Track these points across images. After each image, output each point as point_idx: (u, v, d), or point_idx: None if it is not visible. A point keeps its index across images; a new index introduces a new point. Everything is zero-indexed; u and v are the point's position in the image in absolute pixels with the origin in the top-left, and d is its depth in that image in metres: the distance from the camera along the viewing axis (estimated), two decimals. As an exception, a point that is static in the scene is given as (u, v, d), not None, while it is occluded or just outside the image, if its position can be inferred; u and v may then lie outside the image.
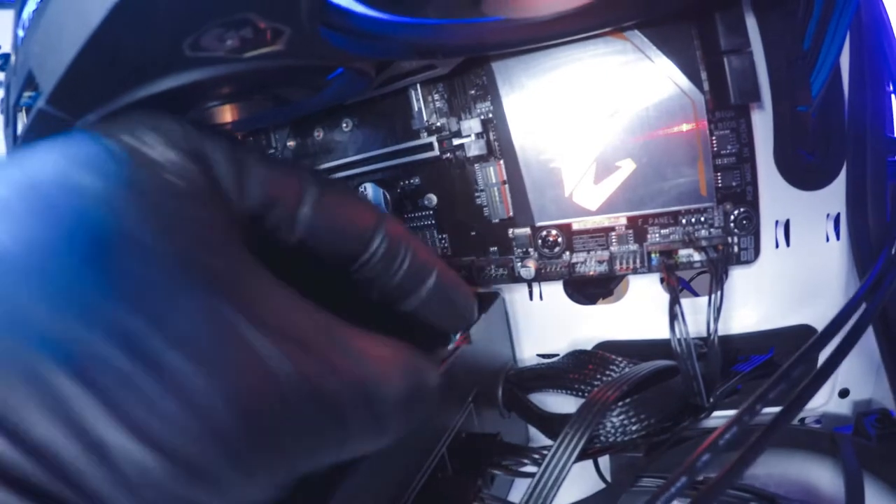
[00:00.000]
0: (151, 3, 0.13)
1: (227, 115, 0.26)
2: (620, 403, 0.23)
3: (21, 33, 0.18)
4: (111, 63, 0.16)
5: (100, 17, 0.13)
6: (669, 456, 0.25)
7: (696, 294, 0.31)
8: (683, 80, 0.24)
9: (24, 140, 0.22)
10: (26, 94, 0.20)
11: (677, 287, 0.24)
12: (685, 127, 0.24)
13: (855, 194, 0.24)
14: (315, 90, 0.24)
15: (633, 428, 0.23)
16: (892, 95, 0.25)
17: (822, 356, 0.21)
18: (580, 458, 0.22)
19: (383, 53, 0.21)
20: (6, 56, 0.29)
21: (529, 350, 0.31)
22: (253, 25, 0.15)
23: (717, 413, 0.25)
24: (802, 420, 0.29)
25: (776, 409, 0.29)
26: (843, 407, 0.28)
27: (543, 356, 0.31)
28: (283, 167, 0.17)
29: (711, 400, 0.25)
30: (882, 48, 0.24)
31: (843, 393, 0.28)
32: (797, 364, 0.20)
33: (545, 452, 0.23)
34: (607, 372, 0.26)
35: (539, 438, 0.31)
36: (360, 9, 0.17)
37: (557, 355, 0.30)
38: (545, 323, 0.30)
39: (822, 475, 0.26)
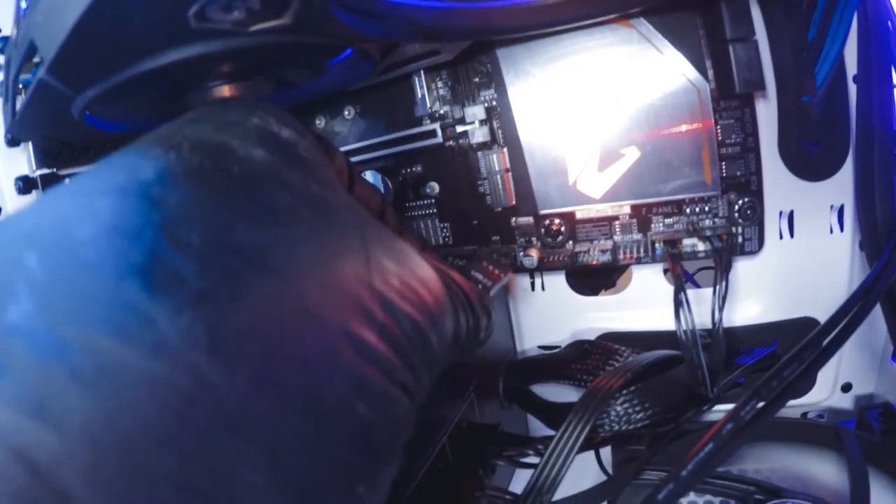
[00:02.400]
0: None
1: (228, 93, 0.26)
2: (624, 392, 0.23)
3: (24, 4, 0.18)
4: (113, 32, 0.15)
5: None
6: (672, 449, 0.24)
7: (698, 286, 0.31)
8: (689, 69, 0.24)
9: (23, 114, 0.22)
10: (24, 73, 0.20)
11: (682, 276, 0.24)
12: (690, 116, 0.24)
13: (863, 186, 0.24)
14: (318, 72, 0.24)
15: (638, 417, 0.23)
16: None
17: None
18: (583, 448, 0.22)
19: (389, 34, 0.21)
20: (6, 39, 0.29)
21: (531, 341, 0.31)
22: (260, -6, 0.15)
23: (718, 406, 0.25)
24: (805, 414, 0.29)
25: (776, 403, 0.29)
26: (845, 401, 0.28)
27: (545, 348, 0.30)
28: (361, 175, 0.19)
29: (715, 391, 0.24)
30: (889, 42, 0.24)
31: (846, 387, 0.28)
32: (798, 356, 0.20)
33: (548, 443, 0.22)
34: (610, 362, 0.25)
35: (538, 430, 0.30)
36: (369, -16, 0.17)
37: (559, 347, 0.29)
38: (547, 314, 0.30)
39: (826, 469, 0.26)
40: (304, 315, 0.11)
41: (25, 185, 0.29)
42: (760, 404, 0.19)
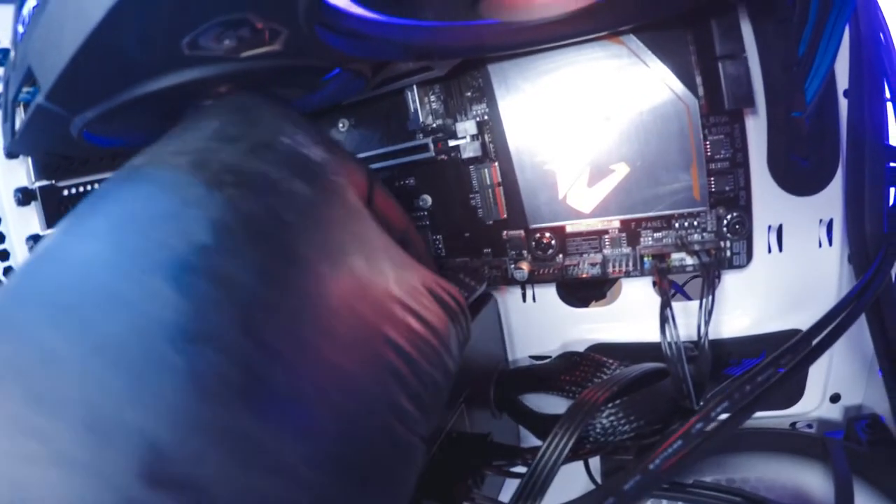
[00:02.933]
0: (150, 2, 0.13)
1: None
2: (610, 405, 0.23)
3: (21, 29, 0.19)
4: (110, 61, 0.16)
5: (99, 16, 0.13)
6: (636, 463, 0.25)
7: (688, 298, 0.31)
8: (678, 85, 0.24)
9: (21, 135, 0.22)
10: (25, 89, 0.20)
11: (669, 291, 0.24)
12: (679, 132, 0.24)
13: (853, 200, 0.24)
14: (311, 90, 0.24)
15: (624, 429, 0.23)
16: (889, 103, 0.26)
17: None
18: (570, 458, 0.22)
19: (379, 54, 0.21)
20: (5, 51, 0.29)
21: (522, 351, 0.31)
22: (250, 25, 0.15)
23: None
24: (794, 424, 0.29)
25: (768, 413, 0.29)
26: (834, 412, 0.28)
27: (536, 358, 0.31)
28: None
29: (701, 403, 0.25)
30: (880, 56, 0.25)
31: (835, 398, 0.28)
32: (773, 362, 0.21)
33: (536, 453, 0.23)
34: (599, 374, 0.26)
35: (530, 440, 0.31)
36: (357, 10, 0.17)
37: (550, 357, 0.30)
38: (538, 325, 0.30)
39: (813, 480, 0.26)
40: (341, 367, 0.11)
41: (25, 196, 0.29)
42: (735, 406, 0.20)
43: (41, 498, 0.07)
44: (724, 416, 0.19)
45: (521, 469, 0.25)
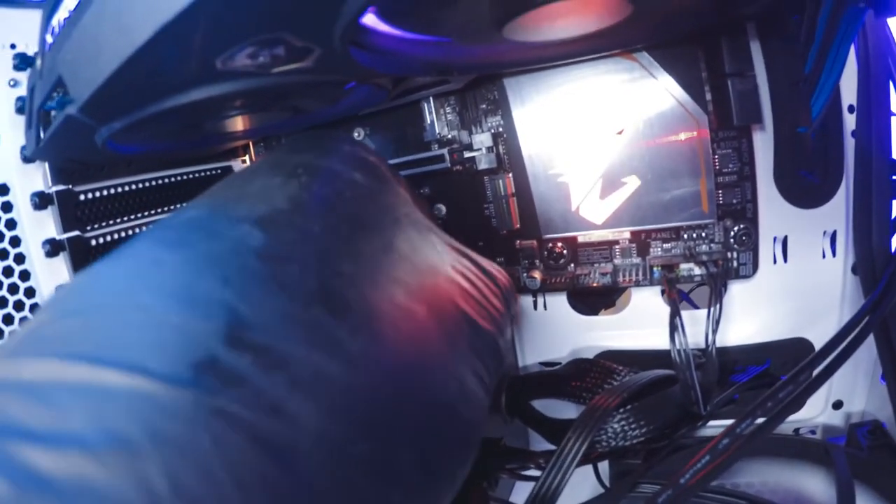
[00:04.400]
0: (195, 22, 0.14)
1: (243, 123, 0.27)
2: (621, 410, 0.24)
3: (49, 39, 0.19)
4: (146, 77, 0.16)
5: (146, 36, 0.13)
6: (667, 463, 0.25)
7: (695, 306, 0.32)
8: (688, 101, 0.25)
9: (47, 143, 0.23)
10: (51, 99, 0.21)
11: (678, 300, 0.25)
12: (689, 146, 0.25)
13: (859, 213, 0.25)
14: (332, 102, 0.25)
15: (633, 434, 0.24)
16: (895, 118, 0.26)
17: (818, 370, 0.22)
18: (582, 462, 0.23)
19: (403, 70, 0.22)
20: (21, 56, 0.29)
21: (532, 358, 0.32)
22: (286, 44, 0.16)
23: (713, 422, 0.26)
24: (797, 430, 0.30)
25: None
26: (836, 418, 0.29)
27: (546, 364, 0.31)
28: None
29: (708, 408, 0.26)
30: (888, 72, 0.25)
31: (837, 405, 0.29)
32: (793, 379, 0.21)
33: (549, 456, 0.23)
34: (608, 380, 0.26)
35: (538, 444, 0.31)
36: (386, 28, 0.17)
37: (560, 364, 0.30)
38: (548, 332, 0.31)
39: (816, 484, 0.27)
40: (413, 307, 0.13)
41: (41, 200, 0.30)
42: (757, 421, 0.20)
43: (143, 346, 0.09)
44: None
45: (533, 472, 0.25)
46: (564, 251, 0.28)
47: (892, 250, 0.24)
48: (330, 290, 0.11)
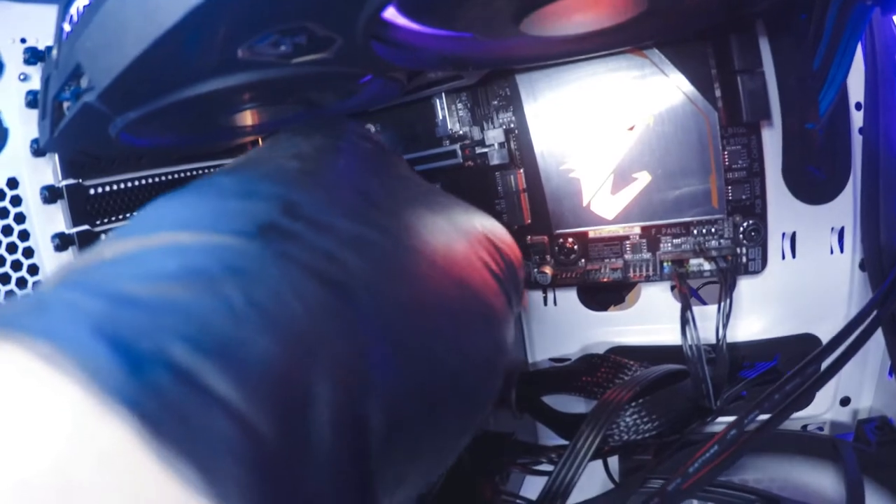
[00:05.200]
0: (224, 8, 0.14)
1: (256, 117, 0.27)
2: (633, 404, 0.24)
3: (67, 28, 0.19)
4: (167, 65, 0.16)
5: (174, 20, 0.13)
6: (676, 459, 0.26)
7: (703, 302, 0.32)
8: (698, 98, 0.25)
9: (62, 133, 0.23)
10: (66, 89, 0.21)
11: (688, 294, 0.25)
12: (698, 142, 0.25)
13: (867, 209, 0.25)
14: (347, 96, 0.25)
15: (646, 427, 0.24)
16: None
17: (825, 364, 0.22)
18: (594, 456, 0.23)
19: (421, 64, 0.22)
20: (31, 50, 0.29)
21: (542, 354, 0.32)
22: (309, 34, 0.16)
23: (722, 418, 0.26)
24: (805, 427, 0.30)
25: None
26: (844, 415, 0.29)
27: (556, 360, 0.31)
28: None
29: (718, 403, 0.26)
30: (895, 70, 0.26)
31: (845, 401, 0.29)
32: (800, 372, 0.22)
33: (560, 451, 0.23)
34: (619, 375, 0.27)
35: (546, 439, 0.31)
36: (406, 22, 0.18)
37: (569, 360, 0.30)
38: (558, 328, 0.31)
39: (824, 479, 0.27)
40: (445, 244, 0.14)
41: (51, 194, 0.30)
42: (763, 416, 0.20)
43: (212, 217, 0.11)
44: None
45: (544, 467, 0.25)
46: (575, 246, 0.28)
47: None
48: (366, 190, 0.14)
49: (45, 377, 0.07)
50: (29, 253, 0.29)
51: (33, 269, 0.29)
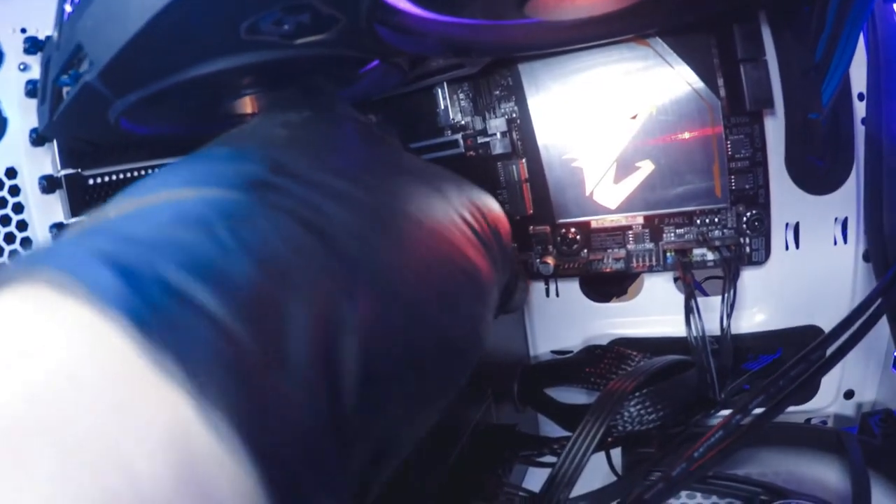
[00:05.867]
0: None
1: (255, 105, 0.27)
2: (637, 394, 0.23)
3: (69, 9, 0.19)
4: (169, 42, 0.16)
5: (174, -7, 0.13)
6: (681, 451, 0.25)
7: (706, 294, 0.32)
8: (701, 87, 0.25)
9: (60, 116, 0.22)
10: (68, 72, 0.20)
11: (692, 283, 0.25)
12: (702, 131, 0.25)
13: (871, 199, 0.25)
14: (348, 83, 0.25)
15: (650, 418, 0.24)
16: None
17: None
18: (598, 447, 0.23)
19: (423, 49, 0.22)
20: (31, 39, 0.29)
21: (544, 347, 0.31)
22: (313, 12, 0.16)
23: (725, 411, 0.26)
24: (809, 420, 0.30)
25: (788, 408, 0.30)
26: (847, 408, 0.29)
27: (558, 353, 0.31)
28: None
29: (723, 395, 0.25)
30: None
31: (848, 394, 0.29)
32: (805, 358, 0.21)
33: (563, 442, 0.23)
34: (622, 366, 0.26)
35: (548, 432, 0.31)
36: (409, 6, 0.18)
37: (571, 352, 0.30)
38: (560, 320, 0.31)
39: (829, 472, 0.27)
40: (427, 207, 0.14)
41: (49, 184, 0.29)
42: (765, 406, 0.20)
43: (205, 176, 0.12)
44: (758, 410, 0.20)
45: (548, 459, 0.25)
46: (578, 237, 0.28)
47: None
48: (352, 156, 0.14)
49: (57, 298, 0.08)
50: (27, 243, 0.29)
51: (31, 260, 0.29)
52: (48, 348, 0.08)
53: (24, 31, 0.29)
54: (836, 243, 0.26)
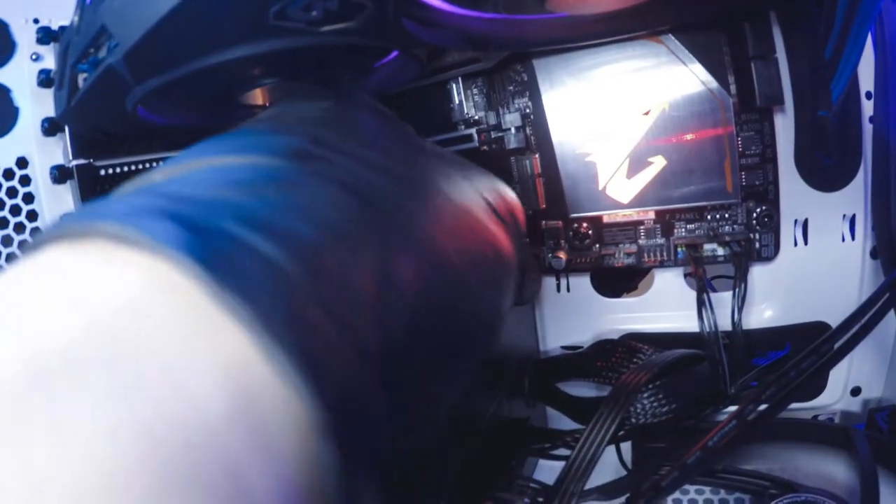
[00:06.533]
0: None
1: (268, 96, 0.27)
2: (651, 386, 0.24)
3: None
4: (200, 22, 0.16)
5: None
6: (693, 442, 0.25)
7: (714, 290, 0.32)
8: (713, 83, 0.25)
9: (79, 101, 0.22)
10: (85, 59, 0.20)
11: (705, 277, 0.25)
12: (713, 128, 0.26)
13: (878, 196, 0.25)
14: (364, 74, 0.25)
15: (663, 410, 0.24)
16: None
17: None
18: (611, 439, 0.23)
19: (441, 41, 0.22)
20: (44, 29, 0.29)
21: (554, 342, 0.32)
22: (343, -2, 0.16)
23: (735, 406, 0.26)
24: (815, 417, 0.30)
25: (791, 405, 0.30)
26: (854, 405, 0.29)
27: (568, 348, 0.31)
28: None
29: (733, 389, 0.26)
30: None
31: (855, 391, 0.29)
32: (815, 350, 0.22)
33: (576, 435, 0.23)
34: (634, 359, 0.26)
35: (558, 426, 0.31)
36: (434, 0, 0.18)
37: (582, 347, 0.30)
38: (571, 315, 0.31)
39: (837, 468, 0.27)
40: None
41: (61, 174, 0.29)
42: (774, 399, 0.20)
43: (253, 146, 0.12)
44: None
45: (562, 452, 0.25)
46: (590, 231, 0.28)
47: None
48: (384, 136, 0.15)
49: (117, 247, 0.08)
50: (37, 233, 0.29)
51: (40, 250, 0.29)
52: (110, 288, 0.08)
53: (36, 21, 0.29)
54: (844, 240, 0.27)
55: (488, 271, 0.14)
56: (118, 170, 0.30)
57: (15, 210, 0.28)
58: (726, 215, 0.27)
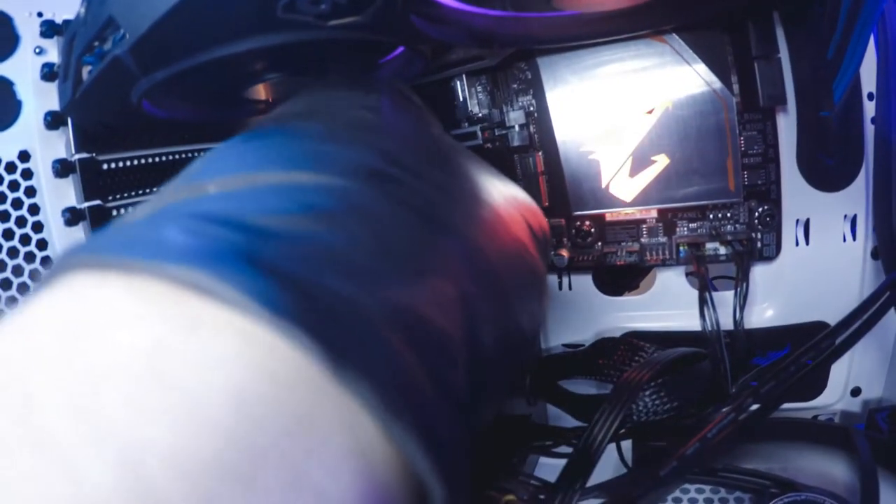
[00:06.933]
0: None
1: (274, 93, 0.27)
2: (653, 384, 0.24)
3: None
4: (209, 14, 0.16)
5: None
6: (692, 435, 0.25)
7: (715, 289, 0.32)
8: (716, 83, 0.25)
9: (84, 93, 0.22)
10: (91, 51, 0.20)
11: (707, 275, 0.25)
12: (716, 127, 0.26)
13: (880, 197, 0.25)
14: (369, 70, 0.25)
15: (665, 408, 0.24)
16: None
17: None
18: (614, 437, 0.23)
19: (447, 36, 0.22)
20: (48, 23, 0.29)
21: (556, 340, 0.32)
22: (353, -10, 0.16)
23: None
24: (816, 417, 0.30)
25: (791, 406, 0.30)
26: (854, 405, 0.30)
27: (569, 346, 0.31)
28: None
29: (734, 389, 0.26)
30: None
31: (855, 391, 0.29)
32: (815, 346, 0.22)
33: (579, 433, 0.23)
34: (635, 357, 0.27)
35: (560, 424, 0.31)
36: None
37: (583, 345, 0.30)
38: (573, 313, 0.31)
39: (837, 468, 0.27)
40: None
41: (63, 168, 0.29)
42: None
43: (326, 161, 0.11)
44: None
45: (563, 449, 0.25)
46: (592, 229, 0.28)
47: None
48: (429, 140, 0.15)
49: (200, 303, 0.07)
50: (38, 227, 0.29)
51: (42, 244, 0.29)
52: (210, 374, 0.07)
53: (40, 14, 0.29)
54: (845, 240, 0.27)
55: (530, 290, 0.14)
56: (121, 164, 0.30)
57: (17, 203, 0.28)
58: (728, 214, 0.27)
